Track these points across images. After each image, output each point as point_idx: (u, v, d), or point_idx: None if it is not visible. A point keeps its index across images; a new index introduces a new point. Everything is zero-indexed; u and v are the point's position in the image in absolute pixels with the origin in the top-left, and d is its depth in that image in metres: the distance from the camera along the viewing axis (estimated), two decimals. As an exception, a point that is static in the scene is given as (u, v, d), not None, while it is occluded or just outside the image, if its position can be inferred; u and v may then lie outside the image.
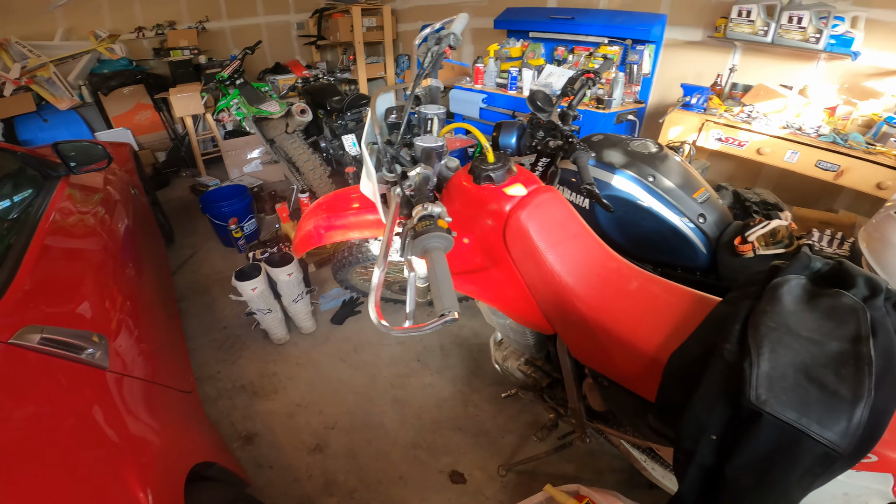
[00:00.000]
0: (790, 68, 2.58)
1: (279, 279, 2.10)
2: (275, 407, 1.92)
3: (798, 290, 0.76)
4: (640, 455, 1.22)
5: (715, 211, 1.53)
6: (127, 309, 1.35)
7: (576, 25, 3.07)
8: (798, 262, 0.81)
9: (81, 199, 1.71)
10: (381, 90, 1.07)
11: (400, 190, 0.93)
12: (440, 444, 1.74)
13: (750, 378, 0.64)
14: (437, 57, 1.10)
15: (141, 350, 1.28)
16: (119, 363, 1.09)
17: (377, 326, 0.72)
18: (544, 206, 0.98)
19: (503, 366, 1.49)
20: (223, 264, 2.94)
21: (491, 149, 0.99)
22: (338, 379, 2.05)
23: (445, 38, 1.10)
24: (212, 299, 2.60)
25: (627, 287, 0.97)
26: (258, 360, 2.17)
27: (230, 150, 4.05)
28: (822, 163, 2.08)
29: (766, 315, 0.71)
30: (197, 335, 2.31)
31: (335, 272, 1.97)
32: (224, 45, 4.79)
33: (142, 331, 1.36)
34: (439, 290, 0.67)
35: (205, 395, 1.95)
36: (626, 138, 1.62)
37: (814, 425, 0.59)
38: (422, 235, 0.73)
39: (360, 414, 1.87)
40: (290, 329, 2.31)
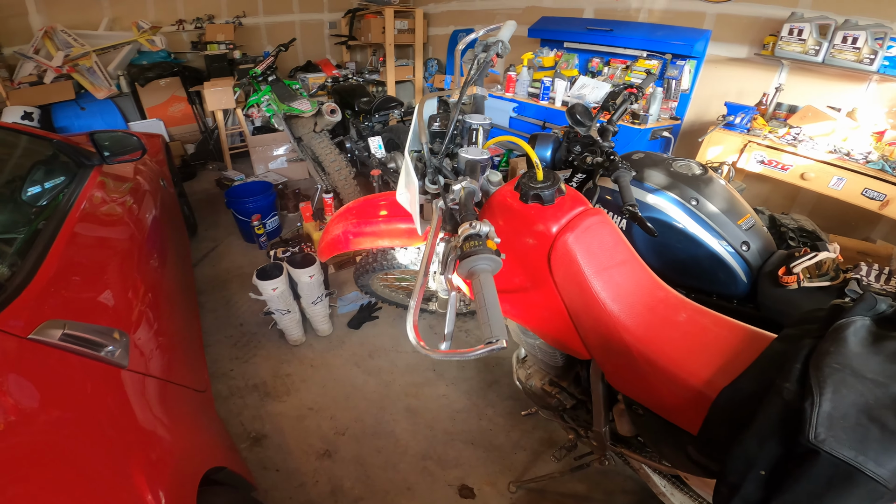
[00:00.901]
0: (839, 89, 2.47)
1: (300, 280, 2.08)
2: (286, 409, 1.90)
3: (863, 331, 0.73)
4: (659, 480, 1.19)
5: (759, 239, 1.46)
6: (149, 303, 1.33)
7: (614, 37, 3.01)
8: (863, 302, 0.78)
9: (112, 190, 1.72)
10: (428, 96, 1.04)
11: (443, 203, 0.89)
12: (451, 456, 1.71)
13: (810, 418, 0.63)
14: (484, 65, 1.06)
15: (160, 347, 1.26)
16: (138, 361, 1.07)
17: (416, 348, 0.69)
18: (593, 229, 0.93)
19: (526, 384, 1.44)
20: (243, 259, 2.95)
21: (541, 166, 0.94)
22: (351, 384, 2.02)
23: (493, 46, 1.06)
24: (230, 294, 2.60)
25: (675, 318, 0.92)
26: (272, 359, 2.15)
27: (257, 145, 4.08)
28: (869, 191, 1.98)
29: (829, 356, 0.69)
30: (213, 331, 2.30)
31: (357, 277, 1.94)
32: (259, 41, 4.84)
33: (162, 326, 1.34)
34: (487, 315, 0.64)
35: (217, 393, 1.94)
36: (668, 158, 1.55)
37: (870, 463, 0.59)
38: (470, 256, 0.69)
39: (371, 421, 1.85)
40: (307, 330, 2.30)
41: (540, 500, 1.57)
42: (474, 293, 0.68)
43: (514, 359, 1.54)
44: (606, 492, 1.59)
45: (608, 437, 1.21)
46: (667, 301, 0.95)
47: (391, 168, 3.23)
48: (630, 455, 1.20)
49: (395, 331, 2.36)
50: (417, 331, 0.72)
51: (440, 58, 4.94)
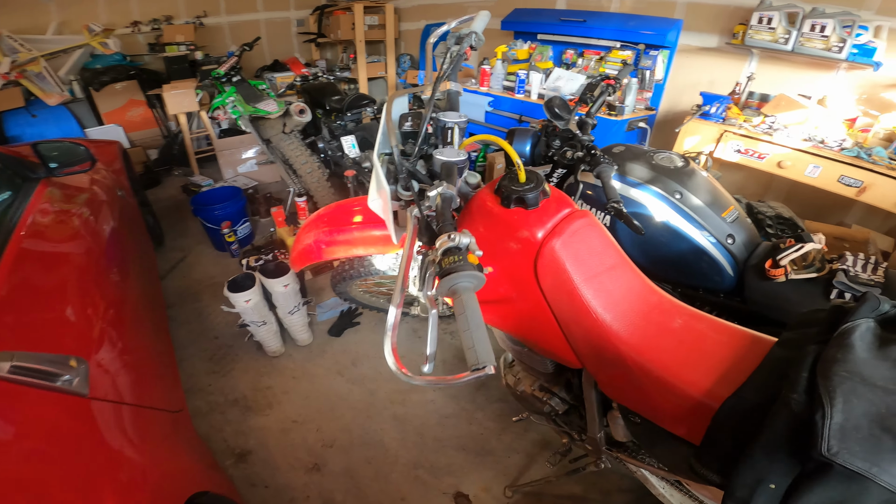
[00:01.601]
0: (808, 78, 2.50)
1: (274, 290, 1.99)
2: (269, 423, 1.83)
3: (869, 335, 0.71)
4: (657, 482, 1.17)
5: (744, 231, 1.44)
6: (110, 322, 1.25)
7: (587, 28, 2.98)
8: (866, 304, 0.75)
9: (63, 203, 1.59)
10: (397, 93, 0.96)
11: (418, 211, 0.82)
12: (443, 463, 1.68)
13: (822, 430, 0.61)
14: (458, 58, 0.99)
15: (125, 369, 1.18)
16: (100, 388, 1.00)
17: (397, 375, 0.63)
18: (580, 233, 0.87)
19: (515, 389, 1.39)
20: (215, 269, 2.83)
21: (523, 167, 0.88)
22: (335, 394, 1.96)
23: (467, 38, 0.99)
24: (202, 306, 2.49)
25: (671, 325, 0.88)
26: (251, 372, 2.07)
27: (224, 149, 3.92)
28: (845, 178, 2.00)
29: (837, 363, 0.66)
30: (186, 344, 2.20)
31: (334, 285, 1.86)
32: (222, 41, 4.67)
33: (127, 347, 1.26)
34: (472, 339, 0.58)
35: (195, 409, 1.86)
36: (649, 151, 1.52)
37: (884, 474, 0.58)
38: (450, 274, 0.62)
39: (358, 431, 1.79)
40: (285, 340, 2.22)
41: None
42: (456, 314, 0.62)
43: (501, 363, 1.49)
44: (603, 492, 1.58)
45: (603, 442, 1.17)
46: (660, 306, 0.91)
47: (366, 168, 3.13)
48: (627, 459, 1.17)
49: (377, 337, 2.30)
50: (397, 355, 0.65)
51: (413, 53, 4.84)
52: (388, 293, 2.05)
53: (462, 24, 1.11)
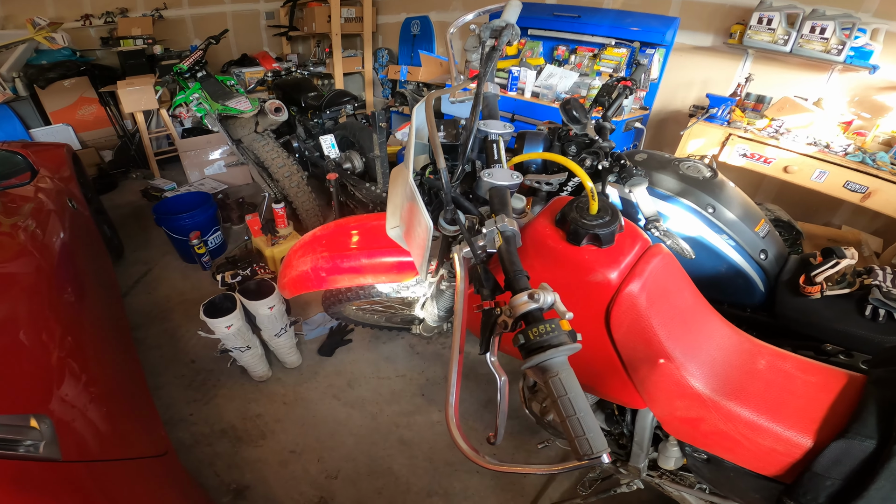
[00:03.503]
0: (802, 79, 2.48)
1: (259, 313, 1.79)
2: (264, 454, 1.69)
3: None
4: (696, 501, 1.13)
5: (775, 245, 1.36)
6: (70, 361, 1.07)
7: (581, 24, 2.87)
8: None
9: (1, 218, 1.35)
10: (434, 93, 0.79)
11: (471, 253, 0.65)
12: (458, 489, 1.59)
13: None
14: (496, 54, 0.83)
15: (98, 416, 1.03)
16: (74, 446, 0.87)
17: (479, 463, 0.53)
18: (659, 272, 0.76)
19: (542, 418, 1.29)
20: (185, 284, 2.57)
21: (597, 194, 0.73)
22: (334, 419, 1.82)
23: (506, 31, 0.84)
24: (174, 326, 2.25)
25: (755, 367, 0.82)
26: (237, 399, 1.89)
27: (188, 149, 3.62)
28: (851, 184, 1.98)
29: None
30: (159, 371, 1.99)
31: (327, 306, 1.67)
32: (184, 35, 4.36)
33: (94, 388, 1.08)
34: (583, 427, 0.48)
35: (178, 442, 1.69)
36: (673, 159, 1.41)
37: None
38: (547, 351, 0.49)
39: (364, 459, 1.68)
40: (272, 363, 2.03)
41: None
42: (555, 396, 0.49)
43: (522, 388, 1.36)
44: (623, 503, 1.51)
45: (646, 469, 1.11)
46: (741, 347, 0.84)
47: (347, 169, 2.93)
48: (669, 484, 1.12)
49: (373, 355, 2.14)
50: (467, 440, 0.53)
51: (391, 47, 4.63)
52: (385, 311, 1.88)
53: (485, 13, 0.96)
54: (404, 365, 2.07)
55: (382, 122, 2.38)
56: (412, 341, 2.19)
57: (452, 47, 0.94)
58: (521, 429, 1.76)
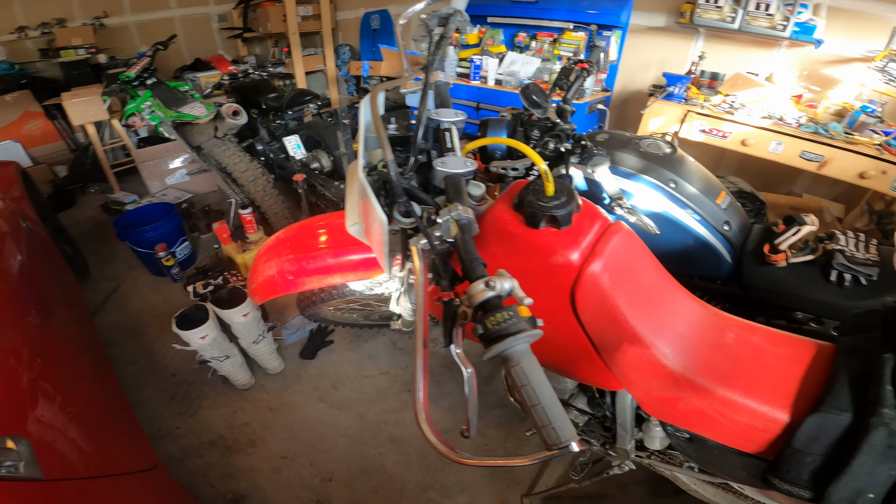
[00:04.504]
0: (752, 55, 2.55)
1: (233, 321, 1.76)
2: (256, 462, 1.69)
3: None
4: (688, 479, 1.14)
5: (737, 216, 1.40)
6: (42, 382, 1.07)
7: (539, 10, 2.88)
8: None
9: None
10: (379, 87, 0.78)
11: (428, 244, 0.64)
12: (453, 481, 1.60)
13: None
14: (444, 42, 0.82)
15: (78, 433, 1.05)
16: (56, 465, 0.89)
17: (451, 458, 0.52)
18: (620, 250, 0.76)
19: None
20: (156, 297, 2.50)
21: (552, 177, 0.73)
22: (321, 422, 1.82)
23: (453, 18, 0.83)
24: (149, 341, 2.21)
25: (724, 340, 0.82)
26: (222, 409, 1.88)
27: (146, 159, 3.48)
28: (807, 153, 2.05)
29: None
30: (139, 386, 1.96)
31: (302, 309, 1.64)
32: (129, 42, 4.18)
33: (70, 406, 1.09)
34: (548, 415, 0.47)
35: (168, 456, 1.68)
36: (633, 137, 1.44)
37: None
38: (503, 339, 0.48)
39: (356, 460, 1.68)
40: (254, 370, 2.00)
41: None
42: (517, 386, 0.49)
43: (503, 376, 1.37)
44: (619, 485, 1.55)
45: (634, 450, 1.12)
46: (709, 322, 0.84)
47: (315, 169, 2.87)
48: (659, 464, 1.12)
49: (355, 354, 2.13)
50: (439, 436, 0.52)
51: (352, 43, 4.55)
52: (363, 309, 1.86)
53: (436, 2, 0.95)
54: (387, 362, 2.06)
55: (347, 119, 2.34)
56: (393, 337, 2.19)
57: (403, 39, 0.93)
58: (509, 417, 1.77)
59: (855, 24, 2.22)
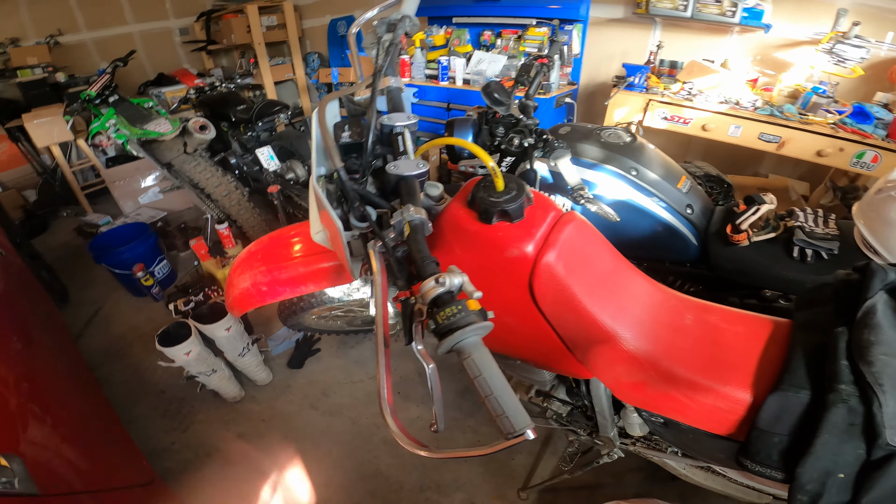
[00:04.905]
0: (708, 43, 2.63)
1: (216, 336, 1.77)
2: None
3: (889, 311, 0.72)
4: (677, 464, 1.15)
5: (699, 199, 1.46)
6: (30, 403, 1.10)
7: (502, 7, 2.93)
8: (875, 277, 0.75)
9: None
10: (328, 97, 0.80)
11: (384, 247, 0.67)
12: (449, 480, 1.61)
13: (882, 420, 0.63)
14: (394, 48, 0.84)
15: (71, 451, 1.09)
16: (51, 480, 0.92)
17: (415, 452, 0.53)
18: (574, 239, 0.78)
19: None
20: (138, 318, 2.49)
21: (500, 173, 0.75)
22: (315, 429, 1.83)
23: (400, 23, 0.85)
24: (136, 360, 2.21)
25: (682, 323, 0.83)
26: (215, 422, 1.89)
27: (116, 179, 3.42)
28: (765, 135, 2.12)
29: (874, 346, 0.67)
30: (130, 405, 1.97)
31: (284, 319, 1.65)
32: (88, 60, 4.08)
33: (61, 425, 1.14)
34: (501, 405, 0.48)
35: (167, 472, 1.69)
36: (595, 128, 1.48)
37: None
38: (452, 333, 0.50)
39: (351, 464, 1.69)
40: (243, 383, 2.01)
41: (555, 500, 1.53)
42: (471, 377, 0.50)
43: None
44: (615, 474, 1.57)
45: (618, 437, 1.14)
46: (667, 304, 0.86)
47: (290, 179, 2.86)
48: (644, 450, 1.14)
49: (343, 360, 2.14)
50: (402, 427, 0.54)
51: (321, 51, 4.52)
52: (346, 315, 1.88)
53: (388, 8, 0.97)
54: (372, 366, 2.08)
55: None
56: (377, 340, 2.21)
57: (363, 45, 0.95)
58: None
59: (801, 7, 2.31)
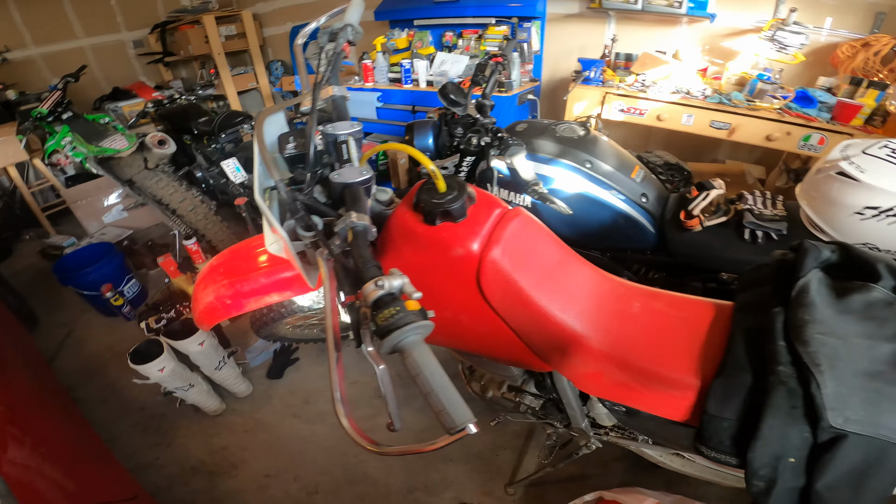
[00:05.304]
0: (660, 34, 2.71)
1: (189, 351, 1.77)
2: (241, 484, 1.71)
3: (824, 288, 0.72)
4: (653, 452, 1.17)
5: (653, 187, 1.51)
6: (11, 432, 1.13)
7: (461, 8, 2.97)
8: (809, 256, 0.76)
9: None
10: (267, 110, 0.80)
11: (329, 254, 0.68)
12: (436, 480, 1.63)
13: (822, 402, 0.61)
14: (335, 57, 0.86)
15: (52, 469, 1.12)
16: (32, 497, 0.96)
17: (367, 450, 0.55)
18: (519, 235, 0.80)
19: (484, 396, 1.34)
20: (112, 337, 2.46)
21: (441, 175, 0.77)
22: (299, 437, 1.84)
23: (342, 33, 0.86)
24: (113, 379, 2.20)
25: (630, 311, 0.85)
26: (198, 436, 1.89)
27: (78, 198, 3.31)
28: (716, 122, 2.21)
29: (808, 326, 0.67)
30: (111, 423, 1.97)
31: (257, 330, 1.64)
32: (39, 76, 3.96)
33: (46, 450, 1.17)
34: (441, 401, 0.50)
35: (154, 487, 1.70)
36: (550, 123, 1.52)
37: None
38: (391, 333, 0.51)
39: (338, 470, 1.70)
40: (223, 395, 2.00)
41: (543, 493, 1.55)
42: (412, 376, 0.52)
43: (461, 371, 1.42)
44: (601, 464, 1.60)
45: (590, 428, 1.15)
46: (615, 293, 0.88)
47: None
48: (617, 440, 1.16)
49: (322, 368, 2.15)
50: (356, 426, 0.56)
51: (284, 58, 4.48)
52: (320, 323, 1.88)
53: (333, 18, 0.99)
54: (355, 371, 2.08)
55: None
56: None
57: (305, 55, 0.95)
58: (482, 409, 1.82)
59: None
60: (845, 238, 1.15)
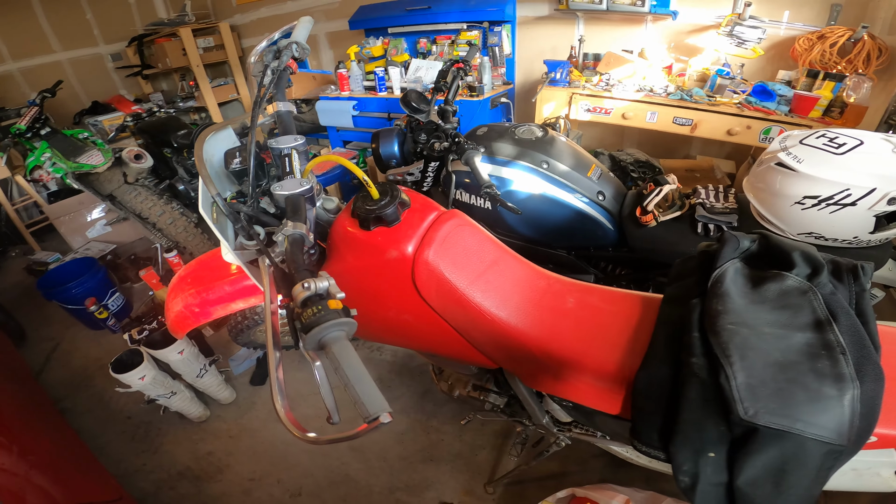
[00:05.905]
0: (625, 33, 2.77)
1: (170, 360, 1.81)
2: (226, 488, 1.74)
3: (739, 278, 0.72)
4: (619, 448, 1.19)
5: (610, 185, 1.55)
6: None
7: (433, 14, 3.01)
8: (727, 246, 0.76)
9: None
10: (209, 129, 0.85)
11: (269, 261, 0.73)
12: (417, 480, 1.66)
13: (732, 394, 0.60)
14: (280, 74, 0.91)
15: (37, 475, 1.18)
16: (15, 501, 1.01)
17: (300, 439, 0.58)
18: (452, 237, 0.84)
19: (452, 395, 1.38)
20: (98, 350, 2.50)
21: (372, 183, 0.81)
22: (282, 442, 1.87)
23: (286, 50, 0.91)
24: (100, 390, 2.25)
25: (564, 306, 0.88)
26: (184, 442, 1.93)
27: (60, 214, 3.33)
28: (678, 119, 2.26)
29: (720, 316, 0.67)
30: (97, 432, 2.02)
31: (234, 337, 1.69)
32: (17, 91, 3.95)
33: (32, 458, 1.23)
34: (357, 392, 0.54)
35: (141, 492, 1.75)
36: (510, 126, 1.56)
37: (811, 428, 0.57)
38: (313, 329, 0.55)
39: (321, 472, 1.74)
40: (207, 402, 2.04)
41: (521, 491, 1.57)
42: (333, 367, 0.56)
43: (431, 371, 1.47)
44: (579, 461, 1.62)
45: (552, 425, 1.17)
46: (550, 289, 0.90)
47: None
48: (579, 436, 1.17)
49: (304, 373, 2.17)
50: (292, 417, 0.59)
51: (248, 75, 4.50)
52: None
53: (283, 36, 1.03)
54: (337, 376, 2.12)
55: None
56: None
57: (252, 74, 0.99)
58: (462, 412, 1.82)
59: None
60: (791, 228, 1.18)
